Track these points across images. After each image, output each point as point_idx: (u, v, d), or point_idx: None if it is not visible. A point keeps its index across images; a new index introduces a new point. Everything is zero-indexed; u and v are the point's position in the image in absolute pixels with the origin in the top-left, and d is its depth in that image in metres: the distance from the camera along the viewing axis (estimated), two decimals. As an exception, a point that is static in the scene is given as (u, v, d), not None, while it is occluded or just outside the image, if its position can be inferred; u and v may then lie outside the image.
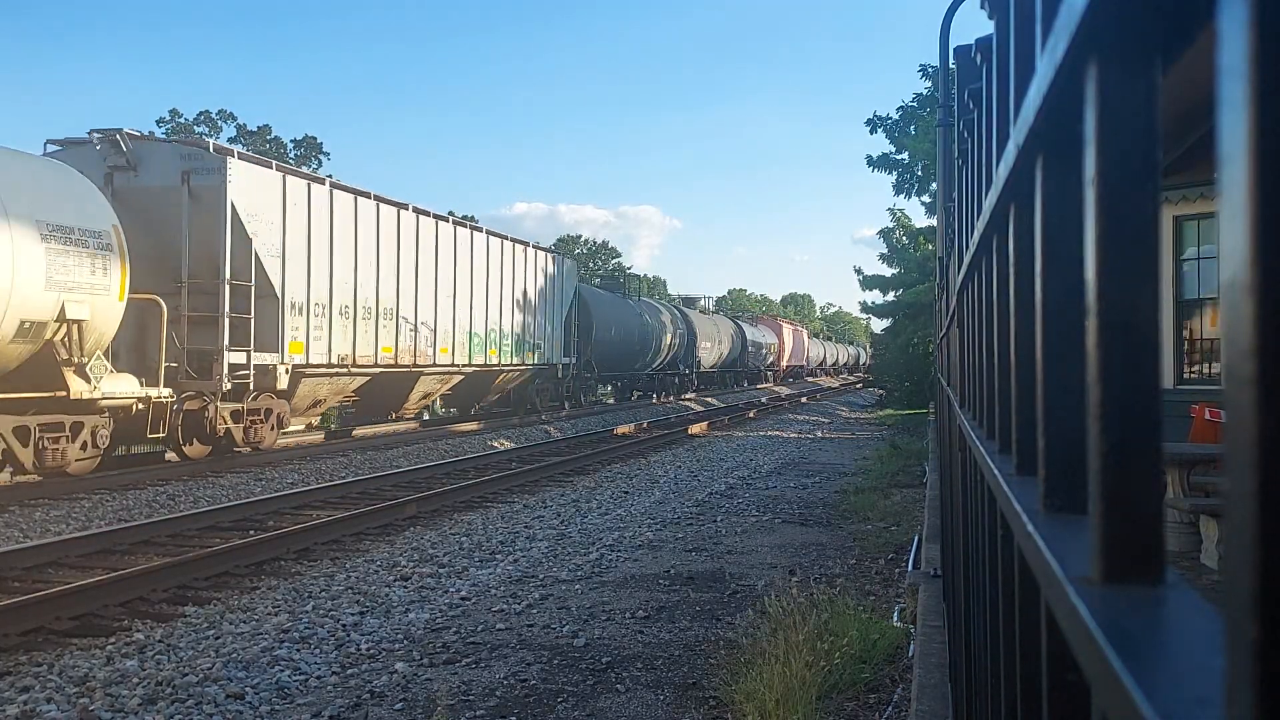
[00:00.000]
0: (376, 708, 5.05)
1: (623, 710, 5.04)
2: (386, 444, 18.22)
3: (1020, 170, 1.14)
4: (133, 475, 13.28)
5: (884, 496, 12.35)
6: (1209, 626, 0.54)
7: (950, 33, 12.78)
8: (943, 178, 12.79)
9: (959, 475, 3.03)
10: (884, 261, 34.12)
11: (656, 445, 19.47)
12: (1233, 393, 0.37)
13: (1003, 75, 1.45)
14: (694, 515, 11.12)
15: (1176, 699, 0.44)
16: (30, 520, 10.20)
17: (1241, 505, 0.36)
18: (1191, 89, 3.66)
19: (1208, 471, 6.81)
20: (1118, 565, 0.64)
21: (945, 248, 6.55)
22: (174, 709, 5.03)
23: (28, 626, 6.20)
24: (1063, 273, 0.92)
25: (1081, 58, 0.67)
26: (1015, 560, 1.21)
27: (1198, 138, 7.21)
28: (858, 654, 5.40)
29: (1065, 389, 0.91)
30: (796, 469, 16.08)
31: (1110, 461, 0.65)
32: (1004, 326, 1.51)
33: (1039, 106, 0.86)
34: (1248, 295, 0.35)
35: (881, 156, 29.12)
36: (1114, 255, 0.64)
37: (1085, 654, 0.58)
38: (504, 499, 12.26)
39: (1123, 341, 0.64)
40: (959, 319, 3.12)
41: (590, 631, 6.40)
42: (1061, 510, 0.90)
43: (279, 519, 10.43)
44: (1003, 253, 1.52)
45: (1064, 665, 0.83)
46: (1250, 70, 0.34)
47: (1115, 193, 0.64)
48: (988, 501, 1.69)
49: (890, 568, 8.29)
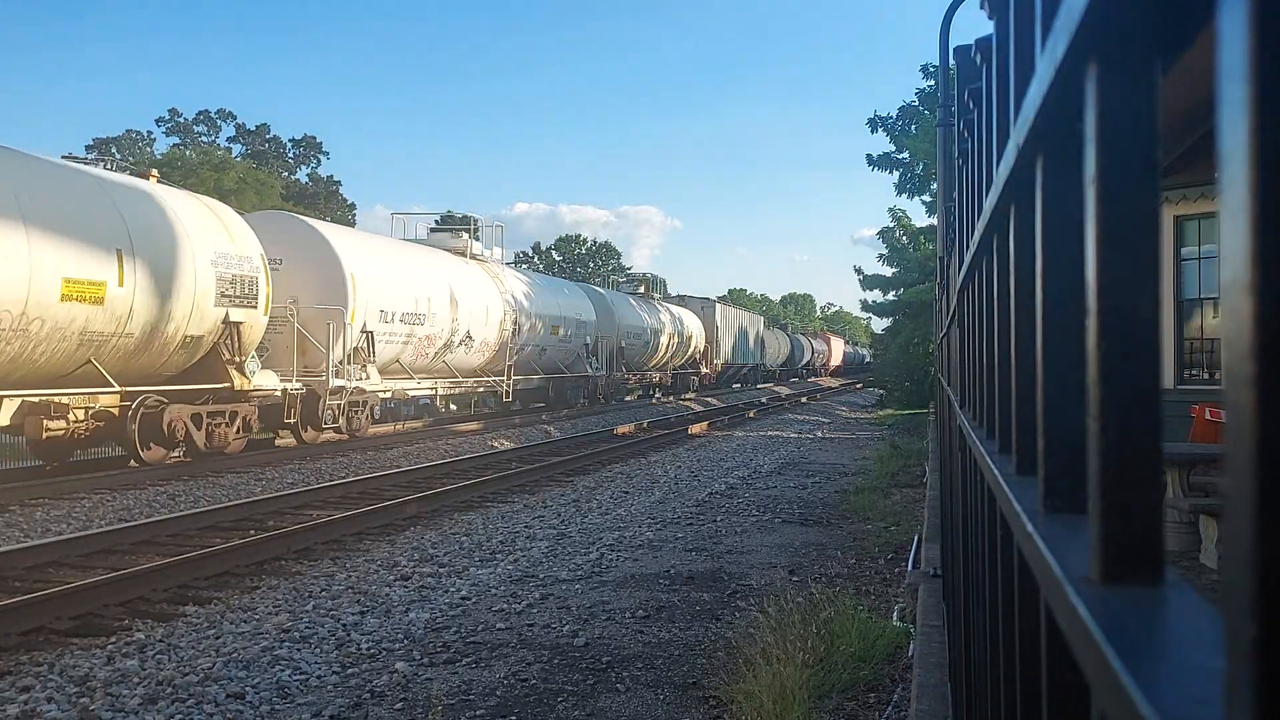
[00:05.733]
0: (377, 707, 5.05)
1: (623, 710, 5.04)
2: (386, 444, 18.22)
3: (1020, 170, 1.14)
4: (133, 475, 13.29)
5: (884, 496, 12.35)
6: (1209, 626, 0.54)
7: (950, 33, 12.76)
8: (943, 178, 12.78)
9: (959, 475, 3.03)
10: (884, 261, 34.10)
11: (657, 445, 19.47)
12: (1233, 393, 0.37)
13: (1003, 75, 1.45)
14: (694, 515, 11.12)
15: (1176, 699, 0.44)
16: (31, 520, 10.21)
17: (1241, 505, 0.36)
18: (1191, 89, 3.66)
19: (1208, 471, 6.82)
20: (1117, 565, 0.64)
21: (945, 248, 6.55)
22: (174, 708, 5.03)
23: (28, 626, 6.19)
24: (1063, 273, 0.92)
25: (1081, 58, 0.67)
26: (1015, 560, 1.21)
27: (1198, 138, 7.21)
28: (857, 654, 5.40)
29: (1065, 389, 0.91)
30: (796, 469, 16.08)
31: (1110, 461, 0.65)
32: (1004, 326, 1.51)
33: (1039, 106, 0.86)
34: (1248, 295, 0.35)
35: (882, 156, 29.13)
36: (1114, 255, 0.64)
37: (1085, 654, 0.58)
38: (504, 499, 12.26)
39: (1123, 341, 0.64)
40: (959, 319, 3.12)
41: (590, 631, 6.41)
42: (1061, 510, 0.90)
43: (279, 519, 10.43)
44: (1003, 253, 1.52)
45: (1064, 665, 0.83)
46: (1250, 71, 0.34)
47: (1115, 193, 0.64)
48: (988, 501, 1.69)
49: (890, 568, 8.29)
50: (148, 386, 13.53)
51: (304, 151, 67.04)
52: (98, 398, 12.77)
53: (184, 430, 14.00)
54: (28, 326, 11.30)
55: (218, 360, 14.65)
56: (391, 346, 19.44)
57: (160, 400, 13.70)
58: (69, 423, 12.41)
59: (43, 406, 12.05)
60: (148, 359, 13.63)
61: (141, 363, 13.56)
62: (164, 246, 13.48)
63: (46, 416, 12.10)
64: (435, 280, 21.09)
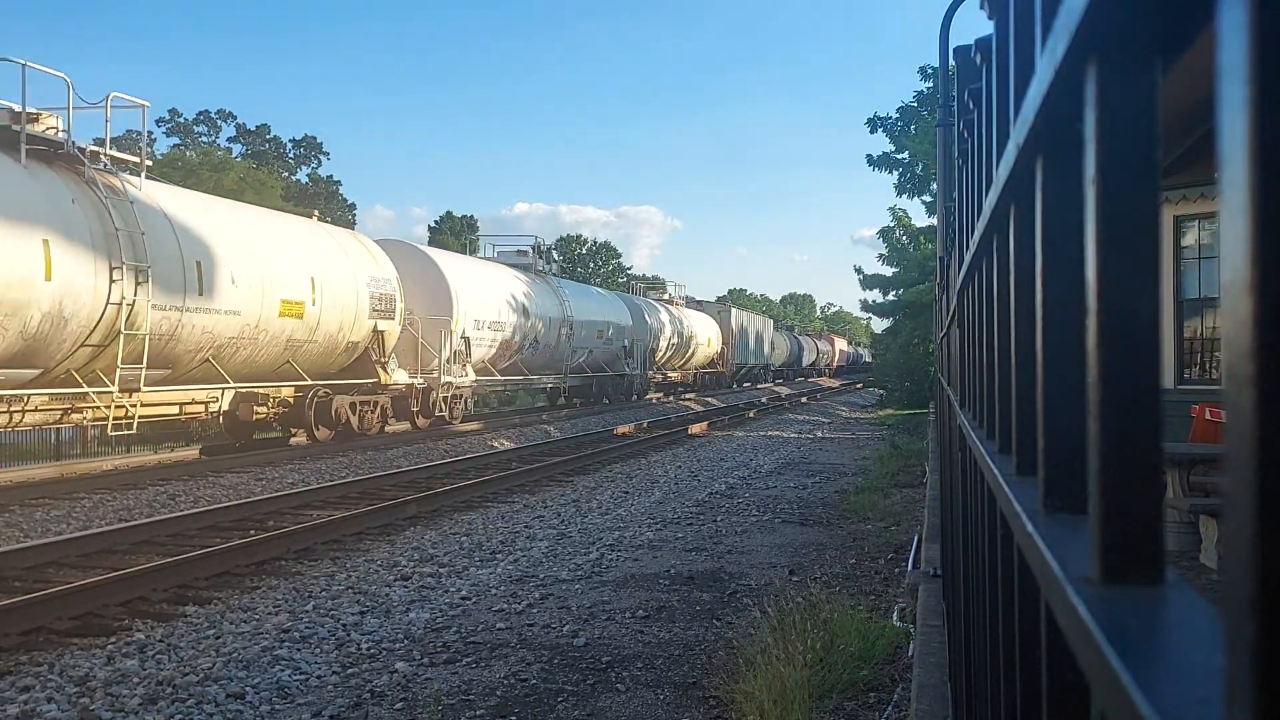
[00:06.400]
0: (377, 707, 5.05)
1: (623, 709, 5.04)
2: (386, 444, 18.23)
3: (1020, 170, 1.14)
4: (133, 475, 13.30)
5: (884, 496, 12.35)
6: (1209, 626, 0.54)
7: (950, 33, 12.76)
8: (943, 178, 12.78)
9: (959, 475, 3.03)
10: (884, 261, 34.08)
11: (657, 445, 19.48)
12: (1233, 393, 0.37)
13: (1003, 75, 1.45)
14: (694, 515, 11.12)
15: (1176, 699, 0.44)
16: (31, 520, 10.21)
17: (1241, 505, 0.36)
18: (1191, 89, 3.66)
19: (1208, 471, 6.82)
20: (1117, 565, 0.64)
21: (945, 248, 6.55)
22: (174, 708, 5.03)
23: (28, 626, 6.20)
24: (1063, 273, 0.92)
25: (1081, 58, 0.67)
26: (1015, 560, 1.21)
27: (1198, 138, 7.20)
28: (857, 653, 5.40)
29: (1065, 389, 0.91)
30: (796, 469, 16.08)
31: (1110, 461, 0.65)
32: (1004, 326, 1.51)
33: (1039, 106, 0.86)
34: (1248, 295, 0.35)
35: (882, 156, 29.12)
36: (1114, 255, 0.64)
37: (1085, 654, 0.58)
38: (504, 499, 12.26)
39: (1123, 341, 0.64)
40: (959, 319, 3.12)
41: (590, 631, 6.41)
42: (1061, 510, 0.90)
43: (279, 519, 10.43)
44: (1003, 253, 1.52)
45: (1064, 665, 0.83)
46: (1250, 71, 0.34)
47: (1115, 193, 0.64)
48: (988, 501, 1.69)
49: (890, 567, 8.29)
50: (320, 381, 17.53)
51: (304, 151, 67.05)
52: (282, 390, 16.75)
53: (345, 416, 18.00)
54: (257, 336, 15.46)
55: (368, 360, 18.77)
56: (480, 349, 23.63)
57: (328, 391, 17.63)
58: (267, 408, 16.42)
59: (250, 395, 16.04)
60: (322, 360, 17.70)
61: (318, 363, 17.57)
62: (337, 273, 17.66)
63: (255, 403, 16.11)
64: (511, 293, 25.46)
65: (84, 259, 12.23)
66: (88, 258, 12.28)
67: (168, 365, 13.93)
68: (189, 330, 14.00)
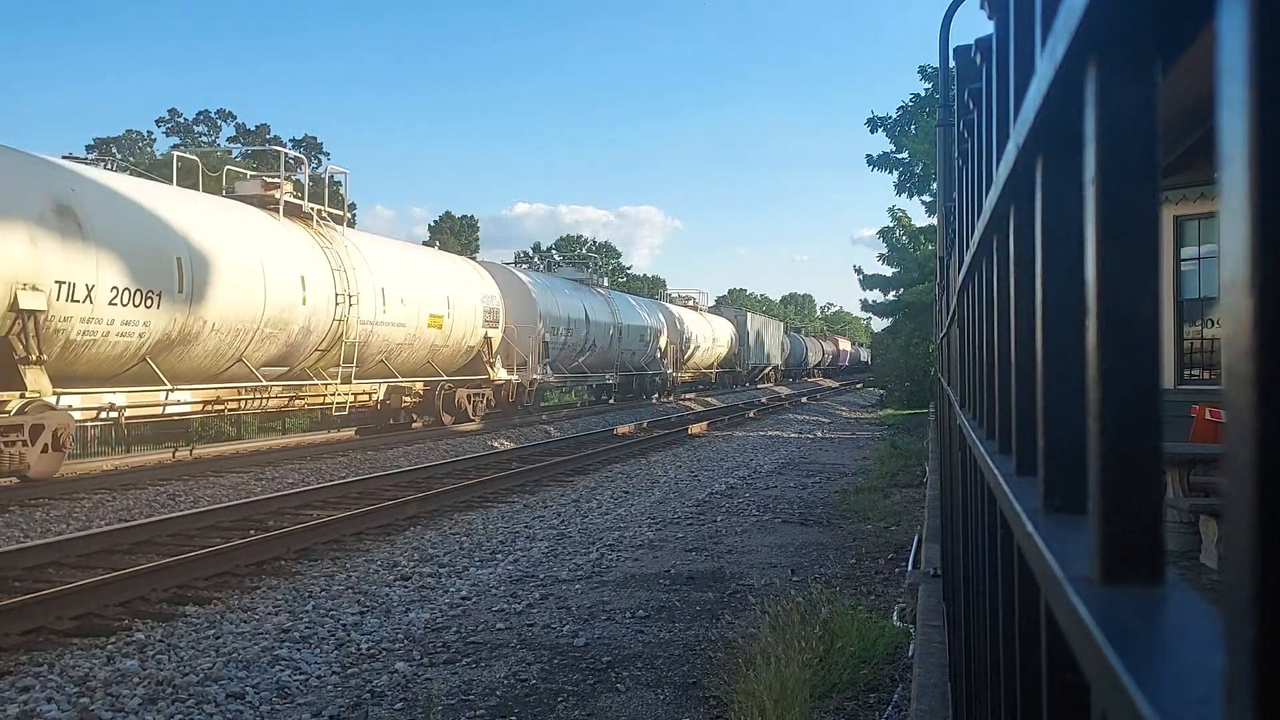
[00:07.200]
0: (377, 707, 5.05)
1: (623, 709, 5.04)
2: (386, 444, 18.23)
3: (1020, 170, 1.14)
4: (133, 475, 13.30)
5: (884, 496, 12.34)
6: (1209, 626, 0.54)
7: (950, 33, 12.76)
8: (943, 178, 12.78)
9: (959, 475, 3.03)
10: (884, 261, 34.08)
11: (656, 445, 19.48)
12: (1233, 393, 0.37)
13: (1003, 75, 1.45)
14: (694, 515, 11.12)
15: (1176, 699, 0.44)
16: (31, 520, 10.21)
17: (1241, 505, 0.36)
18: (1191, 89, 3.66)
19: (1208, 471, 6.82)
20: (1117, 565, 0.64)
21: (945, 248, 6.55)
22: (174, 709, 5.03)
23: (28, 626, 6.19)
24: (1063, 273, 0.92)
25: (1081, 58, 0.67)
26: (1015, 560, 1.21)
27: (1198, 138, 7.20)
28: (857, 653, 5.40)
29: (1065, 389, 0.91)
30: (797, 469, 16.08)
31: (1110, 461, 0.65)
32: (1004, 326, 1.51)
33: (1039, 106, 0.86)
34: (1248, 295, 0.35)
35: (882, 155, 29.08)
36: (1114, 255, 0.64)
37: (1085, 654, 0.58)
38: (504, 499, 12.26)
39: (1123, 341, 0.64)
40: (959, 319, 3.12)
41: (590, 631, 6.41)
42: (1061, 510, 0.90)
43: (279, 519, 10.43)
44: (1003, 253, 1.52)
45: (1064, 665, 0.83)
46: (1250, 71, 0.34)
47: (1115, 193, 0.64)
48: (988, 501, 1.69)
49: (890, 568, 8.29)
50: (446, 377, 22.25)
51: (304, 152, 66.99)
52: (416, 384, 21.40)
53: (465, 405, 22.71)
54: (413, 342, 20.63)
55: (480, 360, 23.84)
56: (553, 350, 28.38)
57: (451, 385, 22.39)
58: (409, 398, 21.27)
59: (398, 388, 20.83)
60: (450, 360, 22.67)
61: (447, 363, 22.51)
62: (462, 292, 22.73)
63: (402, 394, 21.02)
64: (575, 303, 30.70)
65: (323, 288, 17.22)
66: (326, 287, 17.28)
67: (358, 364, 18.57)
68: (376, 338, 19.11)
